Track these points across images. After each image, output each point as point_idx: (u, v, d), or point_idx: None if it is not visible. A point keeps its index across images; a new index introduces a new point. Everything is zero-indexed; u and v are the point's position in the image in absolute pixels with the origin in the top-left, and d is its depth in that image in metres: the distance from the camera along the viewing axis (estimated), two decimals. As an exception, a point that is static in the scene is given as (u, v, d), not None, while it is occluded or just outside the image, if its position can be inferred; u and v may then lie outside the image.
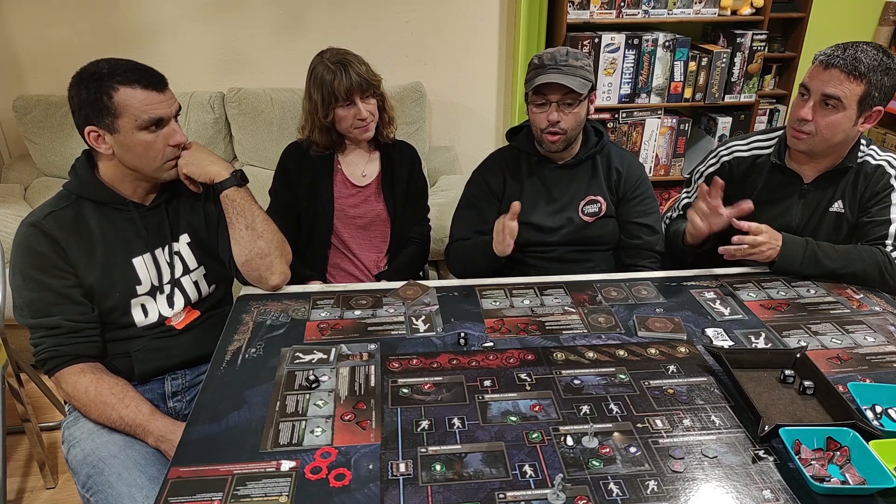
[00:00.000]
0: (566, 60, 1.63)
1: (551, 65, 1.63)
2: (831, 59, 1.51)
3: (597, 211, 1.78)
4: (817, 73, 1.54)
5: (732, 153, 1.79)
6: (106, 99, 1.27)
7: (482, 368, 1.27)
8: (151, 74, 1.32)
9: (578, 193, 1.78)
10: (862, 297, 1.53)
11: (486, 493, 0.98)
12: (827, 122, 1.53)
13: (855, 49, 1.50)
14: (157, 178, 1.39)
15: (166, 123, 1.34)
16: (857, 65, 1.48)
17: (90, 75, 1.28)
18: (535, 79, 1.64)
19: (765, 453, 1.06)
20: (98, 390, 1.31)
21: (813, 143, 1.58)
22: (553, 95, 1.64)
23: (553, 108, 1.65)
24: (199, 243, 1.49)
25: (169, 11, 2.79)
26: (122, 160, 1.34)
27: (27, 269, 1.31)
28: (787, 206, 1.71)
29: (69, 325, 1.32)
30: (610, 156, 1.80)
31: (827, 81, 1.51)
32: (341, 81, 1.70)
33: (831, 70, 1.51)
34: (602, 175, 1.79)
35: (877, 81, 1.49)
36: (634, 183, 1.79)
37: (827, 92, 1.51)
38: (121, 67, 1.30)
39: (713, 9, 2.88)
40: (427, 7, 2.92)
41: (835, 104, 1.51)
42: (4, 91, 2.80)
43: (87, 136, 1.31)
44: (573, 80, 1.61)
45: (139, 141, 1.31)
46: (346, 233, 1.93)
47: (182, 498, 0.97)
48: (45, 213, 1.34)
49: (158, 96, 1.31)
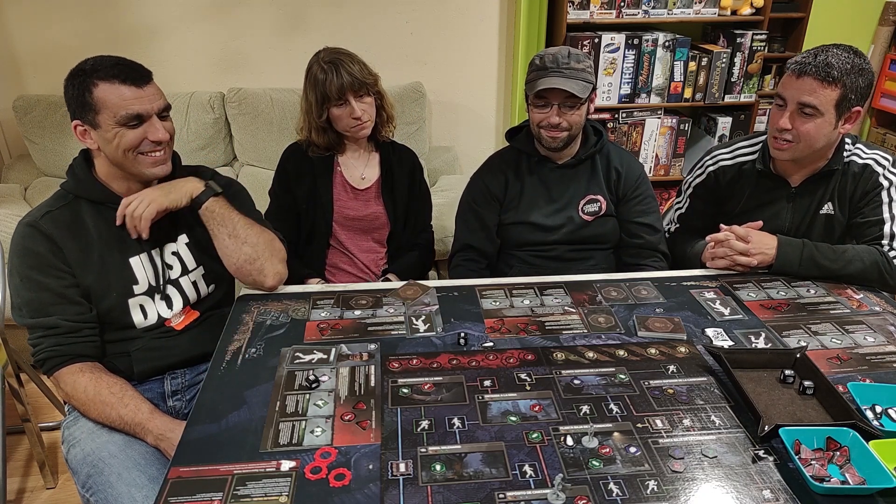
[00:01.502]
0: (568, 63, 1.62)
1: (553, 67, 1.62)
2: (803, 66, 1.50)
3: (596, 210, 1.78)
4: (791, 82, 1.53)
5: (717, 163, 1.79)
6: (87, 95, 1.28)
7: (482, 368, 1.27)
8: (133, 69, 1.32)
9: (578, 193, 1.78)
10: (862, 297, 1.53)
11: (486, 493, 0.98)
12: (806, 129, 1.53)
13: (826, 54, 1.49)
14: (143, 176, 1.38)
15: (147, 119, 1.32)
16: (830, 70, 1.47)
17: (76, 72, 1.31)
18: (536, 81, 1.64)
19: (765, 453, 1.06)
20: (97, 389, 1.31)
21: (796, 150, 1.58)
22: (554, 98, 1.64)
23: (554, 111, 1.65)
24: (197, 243, 1.49)
25: (169, 11, 2.79)
26: (107, 156, 1.34)
27: (24, 269, 1.32)
28: (776, 210, 1.71)
29: (67, 325, 1.32)
30: (609, 155, 1.81)
31: (801, 90, 1.51)
32: (332, 81, 1.70)
33: (804, 78, 1.50)
34: (601, 174, 1.79)
35: (851, 84, 1.49)
36: (634, 182, 1.79)
37: (802, 101, 1.51)
38: (103, 63, 1.30)
39: (713, 9, 2.88)
40: (427, 7, 2.92)
41: (812, 112, 1.51)
42: (4, 91, 2.80)
43: (74, 130, 1.33)
44: (575, 85, 1.61)
45: (119, 136, 1.30)
46: (346, 234, 1.93)
47: (182, 498, 0.97)
48: (43, 213, 1.34)
49: (138, 92, 1.31)
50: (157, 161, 1.37)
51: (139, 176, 1.38)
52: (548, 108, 1.66)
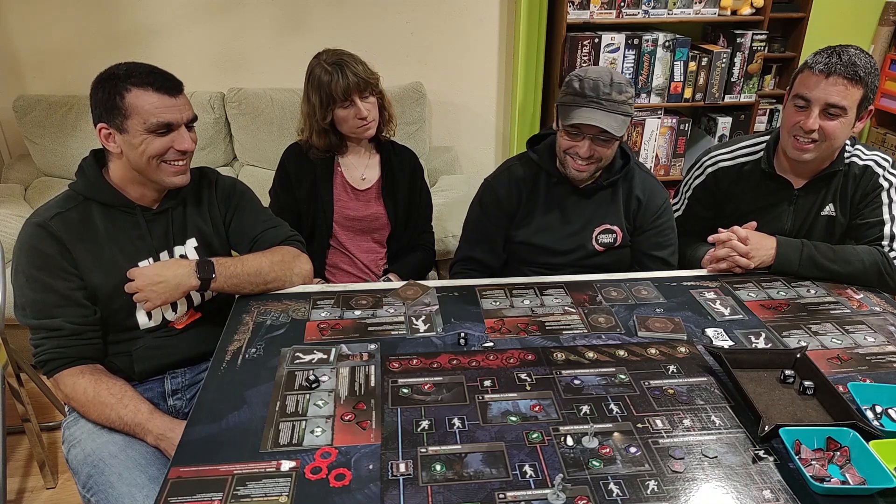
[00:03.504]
0: (609, 94, 1.49)
1: (592, 97, 1.49)
2: (831, 66, 1.47)
3: (611, 242, 1.70)
4: (817, 83, 1.50)
5: (716, 164, 1.77)
6: (118, 99, 1.28)
7: (482, 368, 1.27)
8: (167, 79, 1.33)
9: (594, 220, 1.69)
10: (862, 297, 1.53)
11: (486, 494, 0.98)
12: (832, 129, 1.51)
13: (847, 54, 1.48)
14: (163, 184, 1.39)
15: (176, 129, 1.34)
16: (857, 70, 1.47)
17: (108, 76, 1.31)
18: (571, 110, 1.52)
19: (765, 453, 1.06)
20: (96, 391, 1.31)
21: (820, 150, 1.56)
22: (589, 131, 1.53)
23: (586, 144, 1.54)
24: (206, 247, 1.50)
25: (169, 11, 2.79)
26: (129, 161, 1.34)
27: (31, 269, 1.31)
28: (778, 212, 1.71)
29: (71, 328, 1.32)
30: (633, 182, 1.69)
31: (830, 91, 1.48)
32: (338, 82, 1.70)
33: (834, 78, 1.48)
34: (622, 202, 1.69)
35: (872, 83, 1.50)
36: (654, 213, 1.69)
37: (832, 101, 1.48)
38: (137, 70, 1.31)
39: (713, 9, 2.88)
40: (427, 7, 2.92)
41: (837, 112, 1.49)
42: (4, 91, 2.80)
43: (98, 133, 1.32)
44: (613, 121, 1.50)
45: (146, 143, 1.31)
46: (346, 235, 1.93)
47: (182, 498, 0.97)
48: (52, 213, 1.34)
49: (170, 100, 1.32)
50: (179, 171, 1.38)
51: (159, 183, 1.39)
52: (580, 137, 1.54)
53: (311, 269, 1.58)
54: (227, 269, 1.43)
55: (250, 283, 1.48)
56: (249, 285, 1.48)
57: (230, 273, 1.43)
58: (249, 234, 1.54)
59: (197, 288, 1.40)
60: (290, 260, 1.54)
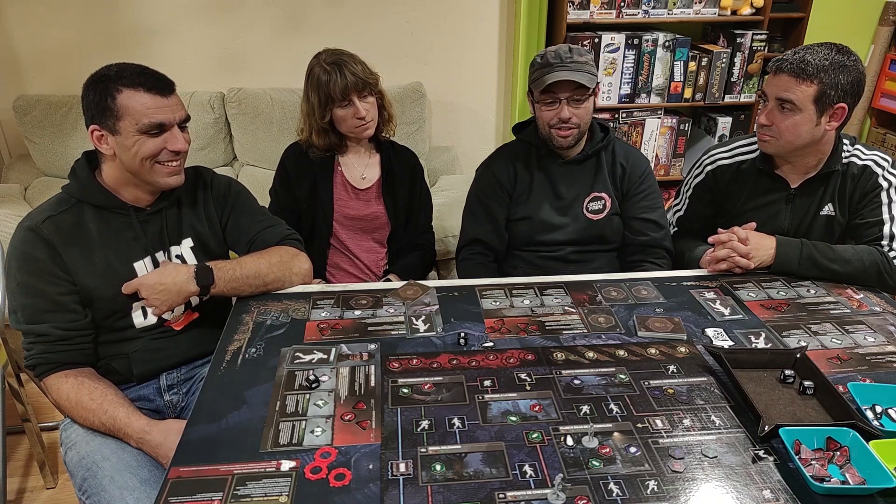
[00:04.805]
0: (571, 57, 1.64)
1: (557, 63, 1.64)
2: (780, 63, 1.54)
3: (601, 208, 1.79)
4: (770, 79, 1.58)
5: (715, 162, 1.79)
6: (110, 100, 1.27)
7: (482, 368, 1.27)
8: (158, 79, 1.32)
9: (583, 190, 1.80)
10: (862, 297, 1.53)
11: (486, 493, 0.98)
12: (786, 124, 1.56)
13: (805, 51, 1.52)
14: (157, 185, 1.38)
15: (168, 129, 1.33)
16: (805, 66, 1.50)
17: (99, 77, 1.30)
18: (543, 78, 1.65)
19: (765, 453, 1.06)
20: (78, 397, 1.30)
21: (778, 145, 1.60)
22: (563, 93, 1.66)
23: (563, 106, 1.67)
24: (202, 247, 1.49)
25: (169, 11, 2.79)
26: (122, 162, 1.33)
27: (22, 274, 1.31)
28: (775, 211, 1.71)
29: (58, 334, 1.31)
30: (615, 151, 1.82)
31: (778, 86, 1.55)
32: (336, 82, 1.70)
33: (780, 75, 1.54)
34: (607, 170, 1.80)
35: (830, 80, 1.50)
36: (639, 178, 1.81)
37: (780, 96, 1.55)
38: (128, 70, 1.30)
39: (713, 9, 2.88)
40: (427, 7, 2.92)
41: (790, 107, 1.54)
42: (4, 91, 2.80)
43: (91, 135, 1.31)
44: (582, 76, 1.64)
45: (139, 144, 1.30)
46: (346, 234, 1.93)
47: (182, 498, 0.97)
48: (44, 217, 1.33)
49: (162, 101, 1.31)
50: (173, 172, 1.37)
51: (153, 185, 1.38)
52: (556, 104, 1.68)
53: (310, 267, 1.57)
54: (226, 274, 1.43)
55: (250, 286, 1.47)
56: (249, 288, 1.48)
57: (229, 277, 1.43)
58: (247, 235, 1.54)
59: (198, 294, 1.40)
60: (288, 260, 1.53)
